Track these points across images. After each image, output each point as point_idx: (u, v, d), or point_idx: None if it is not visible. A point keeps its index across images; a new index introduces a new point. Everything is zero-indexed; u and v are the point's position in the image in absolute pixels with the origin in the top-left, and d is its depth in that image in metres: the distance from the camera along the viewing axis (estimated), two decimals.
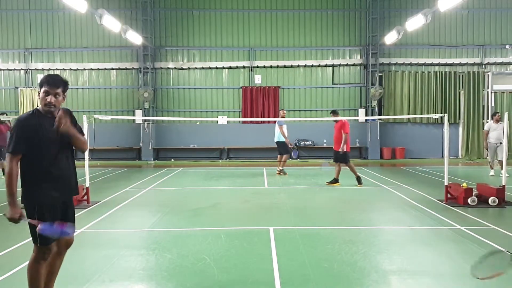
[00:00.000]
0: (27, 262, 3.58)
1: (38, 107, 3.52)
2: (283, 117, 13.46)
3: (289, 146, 13.28)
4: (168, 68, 19.95)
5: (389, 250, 5.39)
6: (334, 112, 11.37)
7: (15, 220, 3.35)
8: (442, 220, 6.97)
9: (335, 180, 11.04)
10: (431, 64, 19.67)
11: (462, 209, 7.75)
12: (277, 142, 13.26)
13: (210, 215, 7.62)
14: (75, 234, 3.71)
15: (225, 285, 4.28)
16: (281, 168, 13.26)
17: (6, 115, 13.99)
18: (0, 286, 4.28)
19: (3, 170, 13.33)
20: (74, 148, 3.65)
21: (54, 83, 3.43)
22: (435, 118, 19.04)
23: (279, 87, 19.71)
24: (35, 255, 3.52)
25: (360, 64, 19.83)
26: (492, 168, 12.76)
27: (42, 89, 3.41)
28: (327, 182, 11.13)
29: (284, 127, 13.17)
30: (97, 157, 18.05)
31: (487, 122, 15.37)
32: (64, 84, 3.50)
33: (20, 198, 3.36)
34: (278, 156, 13.47)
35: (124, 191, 10.17)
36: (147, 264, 4.91)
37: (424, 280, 4.39)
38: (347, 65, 19.86)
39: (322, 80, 19.93)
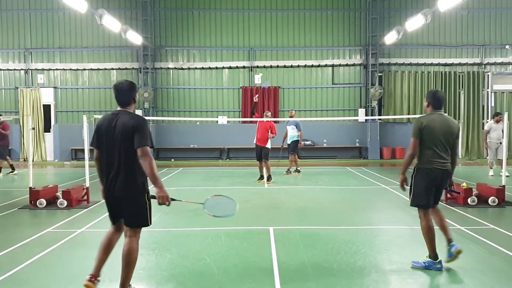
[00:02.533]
0: (126, 248, 3.91)
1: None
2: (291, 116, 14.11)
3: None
4: (168, 68, 19.94)
5: (389, 250, 5.40)
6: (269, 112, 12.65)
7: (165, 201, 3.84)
8: None
9: (270, 177, 11.54)
10: (431, 64, 19.66)
11: (462, 209, 7.76)
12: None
13: None
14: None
15: (225, 285, 4.28)
16: (297, 168, 13.66)
17: (1, 115, 14.10)
18: (0, 286, 4.28)
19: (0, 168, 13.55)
20: None
21: None
22: None
23: (279, 87, 19.71)
24: (138, 239, 3.98)
25: (360, 64, 19.83)
26: (491, 168, 12.76)
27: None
28: (257, 180, 11.68)
29: (290, 128, 13.83)
30: None
31: (487, 122, 15.38)
32: None
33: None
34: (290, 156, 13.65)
35: None
36: (147, 264, 4.91)
37: (424, 280, 4.39)
38: (347, 65, 19.85)
39: (322, 80, 19.93)
